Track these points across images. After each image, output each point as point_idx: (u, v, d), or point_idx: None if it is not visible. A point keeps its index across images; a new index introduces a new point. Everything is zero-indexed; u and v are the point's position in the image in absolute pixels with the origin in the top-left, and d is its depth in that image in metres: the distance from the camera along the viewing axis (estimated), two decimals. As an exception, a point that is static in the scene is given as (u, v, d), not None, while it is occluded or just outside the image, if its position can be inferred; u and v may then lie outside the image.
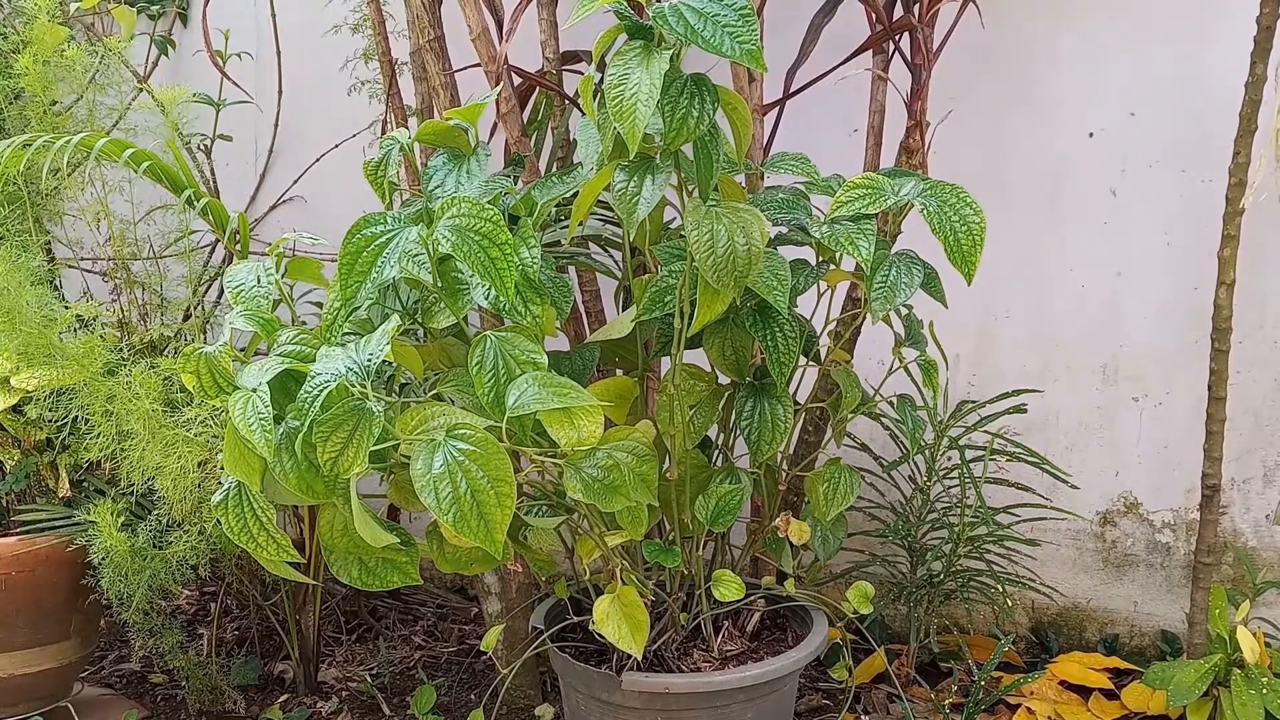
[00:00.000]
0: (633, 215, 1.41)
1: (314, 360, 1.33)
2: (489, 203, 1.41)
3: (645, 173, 1.42)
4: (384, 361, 1.36)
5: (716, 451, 1.85)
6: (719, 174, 1.48)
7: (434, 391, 1.48)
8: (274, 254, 1.56)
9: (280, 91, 2.67)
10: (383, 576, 1.45)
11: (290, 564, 1.42)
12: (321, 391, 1.27)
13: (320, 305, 1.64)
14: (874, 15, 1.96)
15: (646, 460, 1.49)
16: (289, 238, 1.66)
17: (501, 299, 1.41)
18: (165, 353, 2.20)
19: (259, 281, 1.50)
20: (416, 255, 1.42)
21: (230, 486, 1.40)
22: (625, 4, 1.40)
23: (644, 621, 1.57)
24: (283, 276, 1.57)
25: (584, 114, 2.09)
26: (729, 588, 1.67)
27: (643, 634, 1.57)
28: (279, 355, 1.39)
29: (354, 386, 1.28)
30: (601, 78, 1.37)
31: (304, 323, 1.66)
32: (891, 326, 1.71)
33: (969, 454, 2.08)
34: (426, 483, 1.25)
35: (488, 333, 1.40)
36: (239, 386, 1.33)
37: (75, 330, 2.09)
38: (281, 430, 1.34)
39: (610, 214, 1.87)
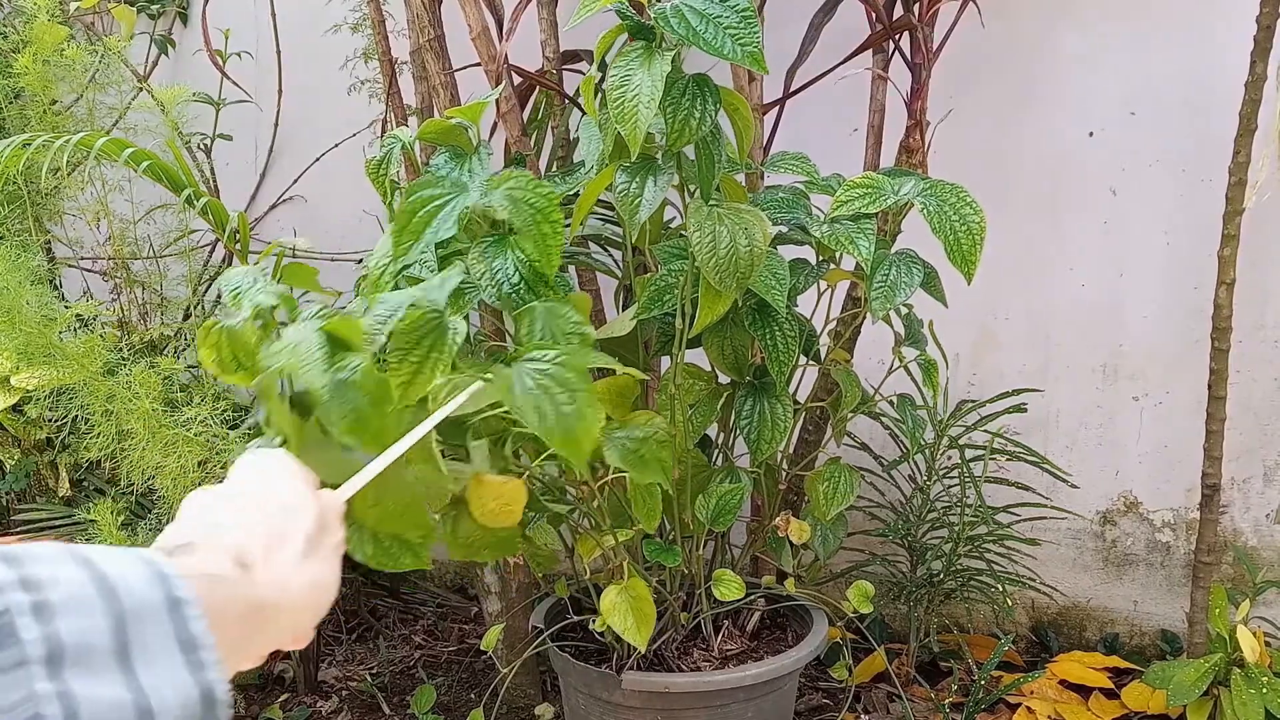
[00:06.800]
0: (634, 217, 1.41)
1: (350, 324, 1.31)
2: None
3: (647, 174, 1.42)
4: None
5: (716, 451, 1.85)
6: (720, 175, 1.48)
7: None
8: (270, 255, 1.56)
9: (280, 91, 2.67)
10: (396, 558, 1.44)
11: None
12: (398, 309, 1.24)
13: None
14: (874, 15, 1.96)
15: (664, 445, 1.50)
16: (285, 241, 1.66)
17: (545, 272, 1.41)
18: (165, 352, 2.20)
19: (256, 285, 1.50)
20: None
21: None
22: (627, 4, 1.39)
23: (651, 615, 1.57)
24: (278, 281, 1.56)
25: (584, 113, 2.10)
26: (729, 587, 1.67)
27: (648, 627, 1.57)
28: (314, 317, 1.37)
29: (428, 309, 1.25)
30: (602, 78, 1.37)
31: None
32: (891, 326, 1.71)
33: (969, 453, 2.08)
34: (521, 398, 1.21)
35: (536, 304, 1.38)
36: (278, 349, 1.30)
37: (75, 329, 2.09)
38: (330, 379, 1.29)
39: (610, 214, 1.87)
